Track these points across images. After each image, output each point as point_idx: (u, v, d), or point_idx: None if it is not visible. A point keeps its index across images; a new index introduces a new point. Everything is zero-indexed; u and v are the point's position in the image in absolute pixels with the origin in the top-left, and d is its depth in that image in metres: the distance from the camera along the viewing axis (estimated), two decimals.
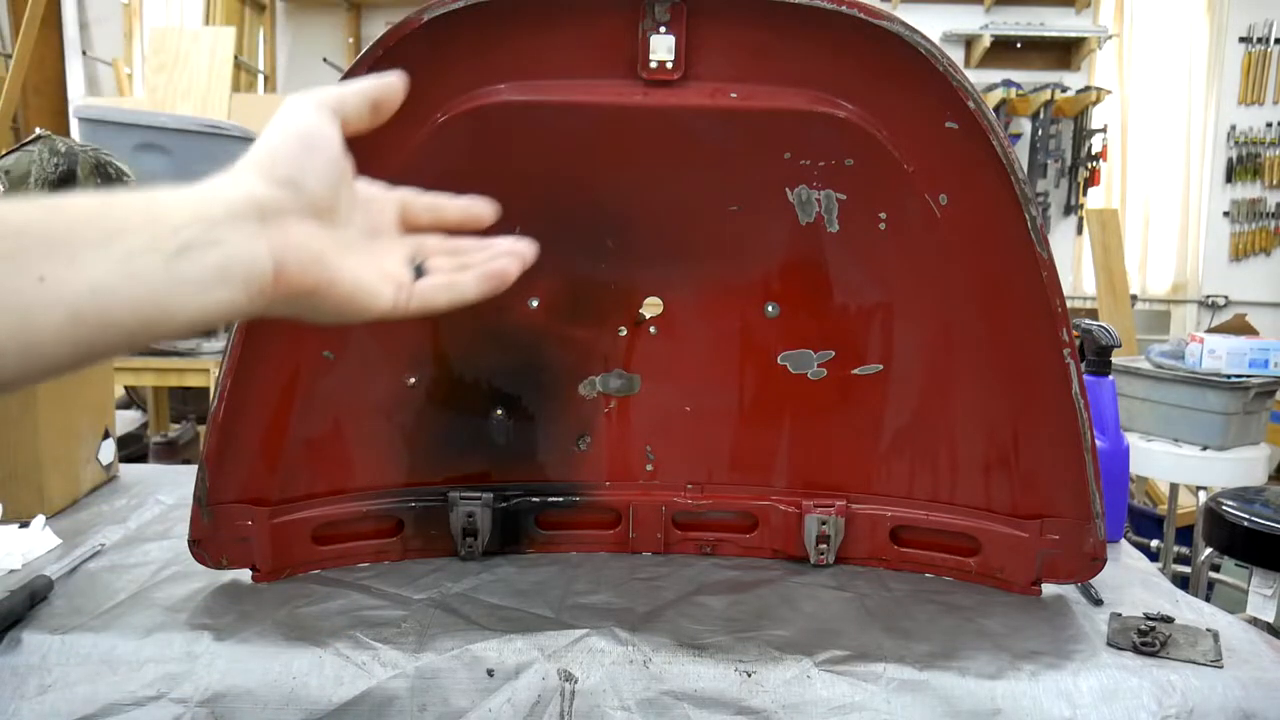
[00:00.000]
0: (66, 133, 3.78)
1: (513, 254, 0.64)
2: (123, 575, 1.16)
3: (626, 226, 1.18)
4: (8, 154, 1.37)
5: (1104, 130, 5.88)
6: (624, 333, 1.25)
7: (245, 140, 2.80)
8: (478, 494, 1.23)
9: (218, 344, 2.76)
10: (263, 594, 1.12)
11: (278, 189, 0.55)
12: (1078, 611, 1.12)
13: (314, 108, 0.58)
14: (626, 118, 1.04)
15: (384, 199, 0.64)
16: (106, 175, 1.39)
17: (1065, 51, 5.95)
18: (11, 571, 1.17)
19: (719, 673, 0.97)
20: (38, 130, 1.44)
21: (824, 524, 1.23)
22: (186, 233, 0.51)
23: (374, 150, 1.09)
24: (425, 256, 0.64)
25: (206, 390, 2.77)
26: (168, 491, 1.49)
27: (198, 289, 0.51)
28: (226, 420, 1.07)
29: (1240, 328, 4.85)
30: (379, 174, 1.14)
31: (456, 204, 0.66)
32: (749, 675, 0.96)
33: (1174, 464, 2.93)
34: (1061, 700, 0.94)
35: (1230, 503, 2.21)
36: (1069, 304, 1.05)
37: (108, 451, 1.55)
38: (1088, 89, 5.79)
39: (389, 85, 0.62)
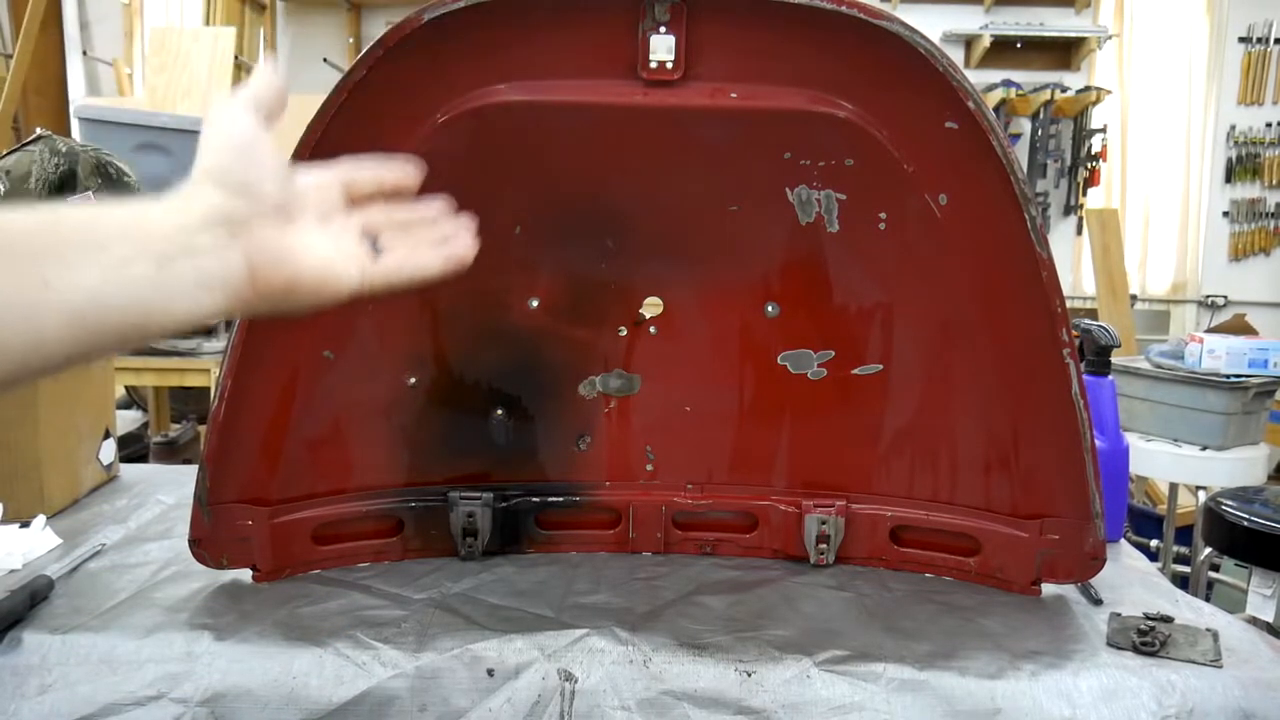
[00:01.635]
0: (67, 133, 3.78)
1: (461, 232, 0.68)
2: (123, 575, 1.16)
3: (626, 226, 1.18)
4: (8, 154, 1.37)
5: (1104, 130, 5.87)
6: (624, 333, 1.25)
7: None
8: (478, 494, 1.23)
9: (218, 344, 2.76)
10: (263, 594, 1.12)
11: (235, 197, 0.58)
12: (1078, 611, 1.12)
13: (242, 111, 0.61)
14: (626, 118, 1.04)
15: (326, 180, 0.66)
16: (107, 175, 1.39)
17: (1065, 51, 5.94)
18: (12, 571, 1.17)
19: (719, 673, 0.97)
20: (38, 130, 1.44)
21: (824, 524, 1.23)
22: (170, 242, 0.55)
23: (375, 150, 1.08)
24: (376, 232, 0.66)
25: (207, 390, 2.77)
26: (168, 491, 1.49)
27: (182, 293, 0.56)
28: (227, 420, 1.07)
29: (1240, 328, 4.85)
30: None
31: (390, 167, 0.69)
32: (749, 675, 0.96)
33: (1174, 464, 2.93)
34: (1061, 700, 0.94)
35: (1230, 503, 2.21)
36: (1069, 304, 1.05)
37: (108, 451, 1.55)
38: (1088, 89, 5.79)
39: (276, 72, 0.65)
